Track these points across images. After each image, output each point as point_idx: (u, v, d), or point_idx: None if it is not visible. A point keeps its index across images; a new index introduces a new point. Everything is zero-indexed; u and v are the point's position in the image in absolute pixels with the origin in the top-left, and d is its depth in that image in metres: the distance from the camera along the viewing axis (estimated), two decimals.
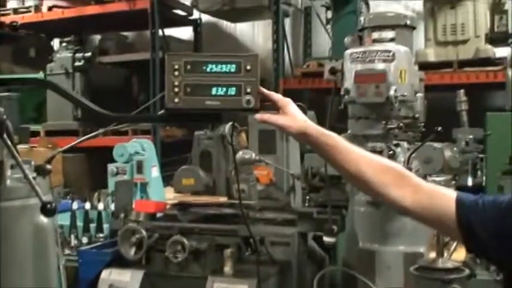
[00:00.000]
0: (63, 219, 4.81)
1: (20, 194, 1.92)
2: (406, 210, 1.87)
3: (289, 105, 1.97)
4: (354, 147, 1.96)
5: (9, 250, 1.89)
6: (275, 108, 1.97)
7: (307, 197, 4.76)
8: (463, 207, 1.77)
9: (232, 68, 1.93)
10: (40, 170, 2.01)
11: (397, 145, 3.81)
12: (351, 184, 3.35)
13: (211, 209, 4.28)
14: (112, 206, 4.73)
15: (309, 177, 4.71)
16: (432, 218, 1.84)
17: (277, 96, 1.98)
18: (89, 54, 8.20)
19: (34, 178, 1.88)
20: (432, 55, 7.04)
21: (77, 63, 8.08)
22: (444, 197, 1.83)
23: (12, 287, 1.88)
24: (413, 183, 1.87)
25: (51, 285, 2.05)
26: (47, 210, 1.76)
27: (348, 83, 3.83)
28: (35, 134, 7.88)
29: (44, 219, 1.93)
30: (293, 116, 1.95)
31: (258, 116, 1.96)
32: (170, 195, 4.80)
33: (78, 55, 8.11)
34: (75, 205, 4.95)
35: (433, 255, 3.20)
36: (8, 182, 1.92)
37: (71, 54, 8.13)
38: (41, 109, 8.66)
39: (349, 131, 3.93)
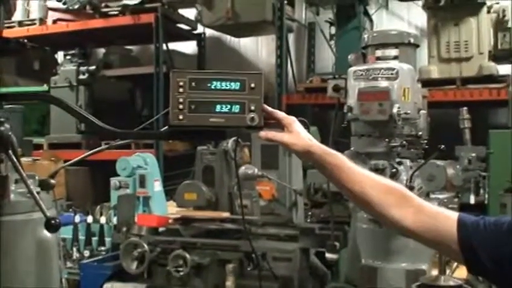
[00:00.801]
0: (65, 232, 4.80)
1: (24, 209, 1.93)
2: (407, 231, 1.86)
3: (294, 124, 1.96)
4: (358, 167, 1.95)
5: (13, 264, 1.90)
6: (279, 126, 1.97)
7: (309, 213, 4.75)
8: (465, 228, 1.77)
9: (237, 85, 1.93)
10: (44, 185, 2.02)
11: (399, 163, 3.80)
12: (353, 203, 3.35)
13: (213, 224, 4.28)
14: (114, 220, 4.74)
15: (311, 193, 4.69)
16: (433, 238, 1.83)
17: (281, 114, 1.98)
18: (93, 67, 8.25)
19: (38, 193, 1.88)
20: (435, 72, 7.03)
21: (81, 76, 8.13)
22: (446, 218, 1.82)
23: None
24: (415, 204, 1.87)
25: None
26: (51, 225, 1.77)
27: (351, 100, 3.83)
28: (38, 146, 7.90)
29: (47, 233, 1.93)
30: (298, 134, 1.94)
31: (263, 133, 1.96)
32: (173, 210, 4.80)
33: (83, 68, 8.16)
34: (77, 218, 4.96)
35: (435, 272, 3.21)
36: (12, 196, 1.92)
37: (75, 67, 8.18)
38: (44, 121, 8.69)
39: (352, 148, 3.92)
